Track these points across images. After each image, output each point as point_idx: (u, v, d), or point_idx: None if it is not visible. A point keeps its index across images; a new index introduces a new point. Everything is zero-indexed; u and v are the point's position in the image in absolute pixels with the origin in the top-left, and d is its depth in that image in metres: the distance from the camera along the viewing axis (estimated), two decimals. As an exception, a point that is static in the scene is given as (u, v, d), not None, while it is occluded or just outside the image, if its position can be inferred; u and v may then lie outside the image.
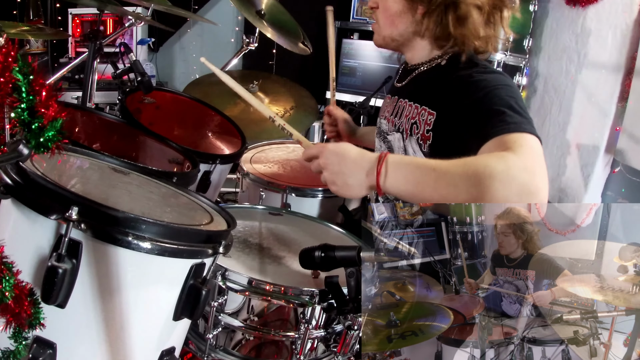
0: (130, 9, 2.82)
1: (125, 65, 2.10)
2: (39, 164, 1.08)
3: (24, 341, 0.90)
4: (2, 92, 0.76)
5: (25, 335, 0.90)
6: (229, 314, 1.41)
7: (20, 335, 0.89)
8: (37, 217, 0.96)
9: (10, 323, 0.86)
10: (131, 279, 1.02)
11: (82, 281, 0.97)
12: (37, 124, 0.81)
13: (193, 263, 1.09)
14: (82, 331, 1.02)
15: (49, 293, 0.91)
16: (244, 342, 1.45)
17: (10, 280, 0.82)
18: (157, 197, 1.31)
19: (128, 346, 1.06)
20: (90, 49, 2.37)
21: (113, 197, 1.19)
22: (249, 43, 3.04)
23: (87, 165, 1.32)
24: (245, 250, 1.56)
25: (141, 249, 0.99)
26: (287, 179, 2.21)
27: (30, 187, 0.98)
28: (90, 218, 0.95)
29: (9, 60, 0.76)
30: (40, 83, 0.80)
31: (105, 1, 2.27)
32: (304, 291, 1.34)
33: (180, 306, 1.09)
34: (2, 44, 0.77)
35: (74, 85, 3.50)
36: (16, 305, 0.84)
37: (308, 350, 1.43)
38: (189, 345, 1.46)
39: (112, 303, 1.02)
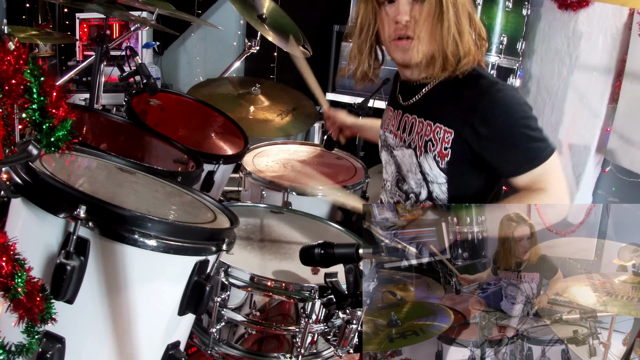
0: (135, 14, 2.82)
1: (131, 68, 2.10)
2: (47, 164, 1.08)
3: (36, 335, 0.90)
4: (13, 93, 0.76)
5: (38, 330, 0.90)
6: (232, 309, 1.41)
7: (32, 330, 0.89)
8: (46, 216, 0.96)
9: (23, 318, 0.87)
10: (137, 275, 1.02)
11: (90, 278, 0.97)
12: (48, 124, 0.81)
13: (197, 260, 1.09)
14: (90, 326, 1.02)
15: (57, 289, 0.91)
16: (247, 336, 1.45)
17: (22, 276, 0.82)
18: (162, 195, 1.32)
19: (135, 340, 1.06)
20: (97, 52, 2.37)
21: (120, 196, 1.19)
22: (250, 46, 3.04)
23: (95, 165, 1.32)
24: (248, 247, 1.56)
25: (147, 246, 0.99)
26: (288, 178, 2.21)
27: (40, 186, 0.98)
28: (97, 216, 0.95)
29: (20, 63, 0.76)
30: (51, 85, 0.81)
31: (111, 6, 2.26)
32: (305, 287, 1.34)
33: (184, 301, 1.10)
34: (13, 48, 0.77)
35: (82, 88, 3.50)
36: (28, 300, 0.84)
37: (308, 344, 1.43)
38: (194, 339, 1.46)
39: (119, 299, 1.02)
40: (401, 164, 1.62)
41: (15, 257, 0.83)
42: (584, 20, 2.82)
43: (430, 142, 1.50)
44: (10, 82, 0.76)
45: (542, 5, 3.10)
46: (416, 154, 1.55)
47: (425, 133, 1.52)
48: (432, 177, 1.53)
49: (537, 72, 3.16)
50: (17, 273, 0.82)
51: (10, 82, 0.76)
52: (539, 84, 3.15)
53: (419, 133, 1.54)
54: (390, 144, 1.68)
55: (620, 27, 2.64)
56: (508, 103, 1.41)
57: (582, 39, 2.84)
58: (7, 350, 0.89)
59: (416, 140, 1.54)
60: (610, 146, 2.71)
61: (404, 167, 1.61)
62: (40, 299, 0.86)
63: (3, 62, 0.75)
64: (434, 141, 1.49)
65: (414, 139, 1.55)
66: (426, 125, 1.52)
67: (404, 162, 1.60)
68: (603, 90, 2.75)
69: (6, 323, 0.91)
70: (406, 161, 1.59)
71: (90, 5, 2.29)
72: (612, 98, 2.74)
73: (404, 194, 1.64)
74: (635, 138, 2.53)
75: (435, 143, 1.49)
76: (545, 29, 3.09)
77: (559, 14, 2.97)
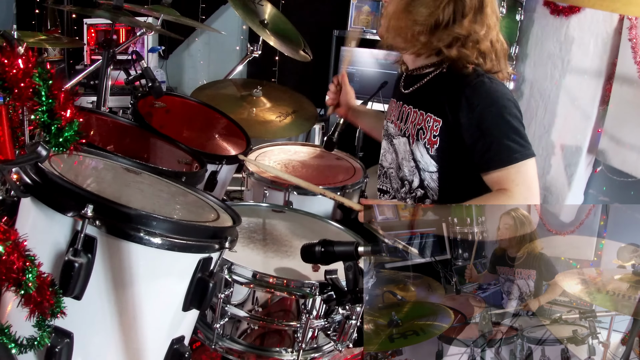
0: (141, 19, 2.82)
1: (137, 71, 2.10)
2: (56, 165, 1.08)
3: (46, 329, 0.90)
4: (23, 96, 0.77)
5: (48, 324, 0.90)
6: (235, 305, 1.41)
7: (43, 324, 0.90)
8: (54, 215, 0.96)
9: (33, 312, 0.87)
10: (143, 272, 1.02)
11: (97, 274, 0.97)
12: (56, 125, 0.81)
13: (201, 257, 1.09)
14: (97, 321, 1.02)
15: (66, 285, 0.92)
16: (249, 331, 1.45)
17: (33, 272, 0.82)
18: (167, 195, 1.32)
19: (140, 335, 1.06)
20: (104, 56, 2.36)
21: (126, 195, 1.19)
22: (253, 51, 3.04)
23: (102, 166, 1.32)
24: (250, 245, 1.56)
25: (152, 244, 0.99)
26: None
27: (49, 186, 0.98)
28: (104, 215, 0.95)
29: (29, 67, 0.76)
30: (59, 87, 0.81)
31: (118, 12, 2.26)
32: (305, 284, 1.34)
33: (189, 298, 1.10)
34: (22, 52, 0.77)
35: (89, 91, 3.49)
36: (39, 295, 0.84)
37: (309, 339, 1.43)
38: (198, 334, 1.46)
39: (126, 295, 1.02)
40: (398, 152, 1.65)
41: (26, 254, 0.83)
42: (576, 25, 2.82)
43: (422, 131, 1.54)
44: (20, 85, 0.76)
45: (535, 11, 3.10)
46: (409, 141, 1.59)
47: (417, 122, 1.56)
48: (423, 164, 1.56)
49: (530, 75, 3.16)
50: (28, 269, 0.82)
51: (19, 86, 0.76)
52: (532, 87, 3.15)
53: (413, 122, 1.58)
54: (391, 133, 1.71)
55: (611, 32, 2.63)
56: (491, 95, 1.41)
57: (573, 43, 2.84)
58: (19, 344, 0.89)
59: (410, 129, 1.58)
60: (601, 147, 2.71)
61: (400, 155, 1.65)
62: (50, 293, 0.86)
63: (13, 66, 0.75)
64: (425, 129, 1.53)
65: (408, 127, 1.60)
66: (419, 115, 1.56)
67: (400, 149, 1.64)
68: (594, 93, 2.75)
69: (18, 318, 0.91)
70: (401, 149, 1.63)
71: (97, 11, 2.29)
72: (602, 100, 2.73)
73: (400, 181, 1.68)
74: (625, 139, 2.53)
75: (426, 131, 1.52)
76: (538, 34, 3.09)
77: (551, 20, 2.97)
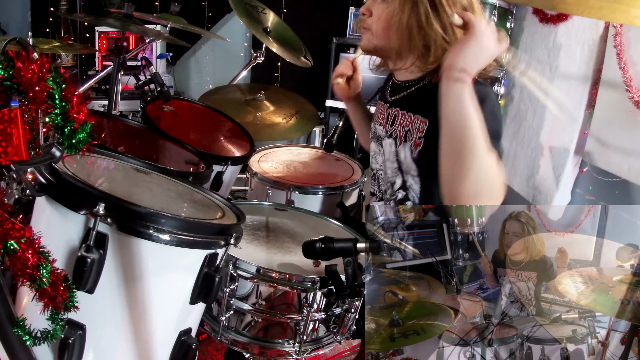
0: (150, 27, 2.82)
1: (146, 77, 2.10)
2: (69, 165, 1.08)
3: (60, 322, 0.90)
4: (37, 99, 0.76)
5: (61, 317, 0.90)
6: (240, 298, 1.41)
7: (56, 317, 0.89)
8: (68, 213, 0.96)
9: (47, 306, 0.87)
10: (152, 267, 1.02)
11: (108, 269, 0.97)
12: (70, 128, 0.81)
13: (207, 253, 1.08)
14: (108, 314, 1.02)
15: (79, 280, 0.91)
16: (253, 324, 1.45)
17: (47, 267, 0.82)
18: (175, 194, 1.31)
19: (149, 327, 1.05)
20: (115, 62, 2.37)
21: (136, 194, 1.18)
22: (256, 57, 3.04)
23: (113, 166, 1.32)
24: (254, 241, 1.56)
25: (161, 240, 0.99)
26: (291, 178, 2.21)
27: (62, 185, 0.98)
28: (115, 213, 0.95)
29: (44, 71, 0.76)
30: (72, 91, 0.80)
31: (128, 21, 2.26)
32: (307, 278, 1.34)
33: (196, 292, 1.09)
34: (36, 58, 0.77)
35: (101, 95, 3.50)
36: (52, 290, 0.84)
37: (310, 331, 1.43)
38: (204, 327, 1.45)
39: (135, 289, 1.02)
40: (385, 153, 1.63)
41: (40, 250, 0.83)
42: (563, 32, 2.82)
43: (409, 132, 1.50)
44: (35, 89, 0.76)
45: (524, 19, 3.10)
46: (396, 143, 1.55)
47: (405, 124, 1.52)
48: (405, 166, 1.52)
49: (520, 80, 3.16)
50: (42, 265, 0.82)
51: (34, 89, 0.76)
52: (522, 92, 3.15)
53: (401, 124, 1.54)
54: (379, 135, 1.68)
55: (597, 39, 2.63)
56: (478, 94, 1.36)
57: (561, 50, 2.83)
58: (34, 337, 0.89)
59: (397, 131, 1.55)
60: (588, 148, 2.70)
61: (386, 156, 1.62)
62: (64, 288, 0.86)
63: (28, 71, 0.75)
64: (412, 131, 1.49)
65: (396, 129, 1.56)
66: (407, 117, 1.53)
67: (386, 151, 1.61)
68: (581, 97, 2.75)
69: (32, 311, 0.91)
70: (387, 150, 1.60)
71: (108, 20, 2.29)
72: (589, 104, 2.73)
73: (389, 183, 1.65)
74: (610, 141, 2.53)
75: (413, 133, 1.49)
76: (527, 41, 3.09)
77: (540, 27, 2.96)
